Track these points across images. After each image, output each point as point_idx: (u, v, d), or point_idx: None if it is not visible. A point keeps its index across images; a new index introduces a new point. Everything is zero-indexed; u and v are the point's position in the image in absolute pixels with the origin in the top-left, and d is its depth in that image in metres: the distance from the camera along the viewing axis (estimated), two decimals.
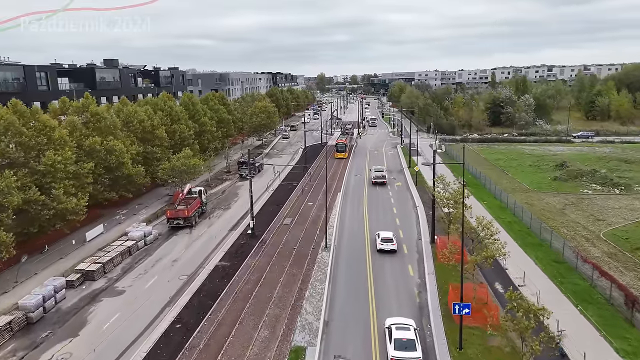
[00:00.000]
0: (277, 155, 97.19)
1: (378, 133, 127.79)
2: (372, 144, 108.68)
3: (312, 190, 65.73)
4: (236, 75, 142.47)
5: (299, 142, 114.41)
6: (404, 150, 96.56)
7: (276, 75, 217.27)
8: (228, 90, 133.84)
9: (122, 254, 41.14)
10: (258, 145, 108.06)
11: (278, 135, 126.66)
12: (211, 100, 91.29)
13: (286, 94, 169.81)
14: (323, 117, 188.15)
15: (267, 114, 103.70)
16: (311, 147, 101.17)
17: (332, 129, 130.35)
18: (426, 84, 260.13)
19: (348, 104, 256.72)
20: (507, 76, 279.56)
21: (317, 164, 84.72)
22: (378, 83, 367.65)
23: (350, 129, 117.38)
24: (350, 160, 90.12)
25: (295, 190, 64.94)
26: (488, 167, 76.92)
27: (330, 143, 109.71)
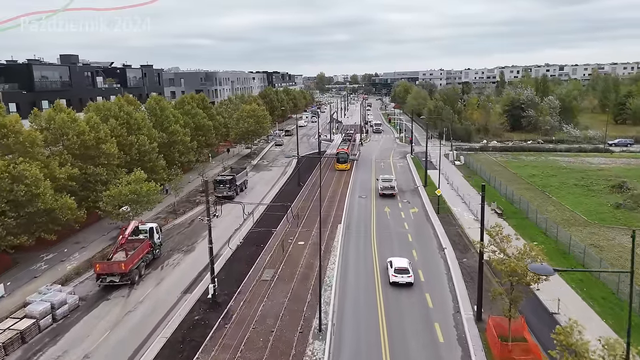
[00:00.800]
0: (267, 167, 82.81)
1: (383, 139, 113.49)
2: (378, 152, 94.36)
3: (306, 220, 51.45)
4: (225, 75, 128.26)
5: (295, 149, 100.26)
6: (415, 162, 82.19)
7: (272, 75, 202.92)
8: (215, 91, 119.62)
9: (6, 346, 26.76)
10: (246, 154, 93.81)
11: (271, 141, 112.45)
12: (188, 103, 76.96)
13: (282, 94, 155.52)
14: (322, 120, 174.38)
15: (256, 118, 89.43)
16: (307, 158, 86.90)
17: (331, 134, 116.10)
18: (431, 83, 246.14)
19: (349, 104, 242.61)
20: (515, 75, 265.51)
21: (313, 180, 70.40)
22: (379, 83, 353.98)
23: (352, 135, 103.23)
24: (353, 173, 76.04)
25: (282, 221, 50.67)
26: (523, 186, 62.60)
27: (329, 152, 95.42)
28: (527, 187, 61.98)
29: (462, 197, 57.77)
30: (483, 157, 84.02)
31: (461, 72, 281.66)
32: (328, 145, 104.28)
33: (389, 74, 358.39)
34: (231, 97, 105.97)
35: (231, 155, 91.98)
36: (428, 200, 57.23)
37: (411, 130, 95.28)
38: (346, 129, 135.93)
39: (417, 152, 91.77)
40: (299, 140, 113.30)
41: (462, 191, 60.14)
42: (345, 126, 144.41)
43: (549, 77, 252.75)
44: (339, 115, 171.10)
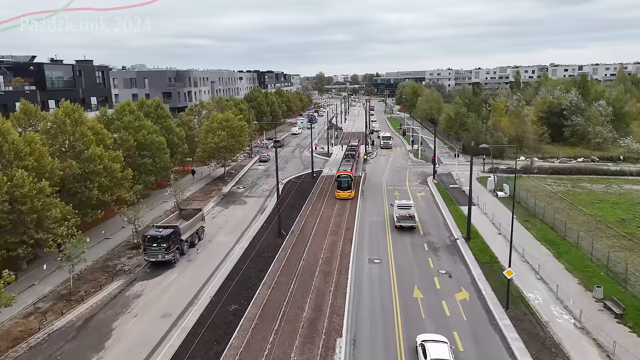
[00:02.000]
0: (241, 198, 61.42)
1: (394, 154, 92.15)
2: (389, 174, 73.07)
3: (287, 310, 30.35)
4: (202, 74, 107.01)
5: (283, 167, 78.98)
6: (441, 191, 61.08)
7: (264, 75, 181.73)
8: (188, 93, 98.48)
9: None
10: (219, 176, 72.59)
11: (255, 155, 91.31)
12: (129, 112, 55.76)
13: (272, 97, 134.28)
14: (319, 126, 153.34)
15: (231, 130, 68.22)
16: (297, 183, 65.89)
17: (329, 145, 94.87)
18: (438, 84, 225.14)
19: (349, 107, 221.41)
20: (531, 76, 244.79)
21: (301, 224, 49.10)
22: (382, 83, 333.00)
23: (355, 149, 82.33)
24: (359, 205, 55.08)
25: (247, 311, 29.64)
26: (622, 242, 41.27)
27: (326, 172, 74.27)
28: (629, 244, 40.69)
29: (534, 266, 36.58)
30: (532, 185, 62.84)
31: (471, 72, 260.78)
32: (325, 163, 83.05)
33: (391, 74, 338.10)
34: (204, 102, 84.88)
35: (197, 179, 70.75)
36: (480, 273, 36.00)
37: (434, 147, 73.48)
38: (347, 137, 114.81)
39: (440, 173, 70.62)
40: (290, 154, 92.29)
41: (529, 253, 38.96)
42: (345, 134, 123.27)
43: (567, 77, 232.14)
44: (339, 120, 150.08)
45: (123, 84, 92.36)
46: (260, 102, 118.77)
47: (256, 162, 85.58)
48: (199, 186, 66.24)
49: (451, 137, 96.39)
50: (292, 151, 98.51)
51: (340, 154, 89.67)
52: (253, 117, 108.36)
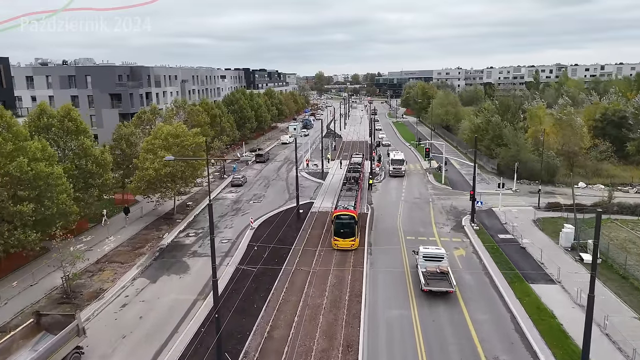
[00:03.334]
0: (181, 260, 40.13)
1: (406, 174, 71.29)
2: (406, 211, 52.10)
3: None
4: (166, 71, 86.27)
5: (261, 195, 58.46)
6: (489, 247, 40.14)
7: (253, 73, 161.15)
8: (147, 95, 77.92)
9: None
10: (166, 213, 51.88)
11: (229, 175, 70.81)
12: None
13: (259, 99, 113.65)
14: (315, 131, 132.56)
15: (182, 150, 47.60)
16: (274, 226, 45.22)
17: (323, 161, 74.30)
18: (447, 84, 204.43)
19: (350, 108, 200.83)
20: (548, 75, 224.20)
21: (264, 333, 28.23)
22: (384, 83, 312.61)
23: (359, 168, 62.22)
24: (365, 276, 34.53)
25: None
26: None
27: (318, 204, 53.87)
28: None
29: None
30: (623, 236, 42.07)
31: (482, 72, 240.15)
32: (317, 189, 62.42)
33: (394, 73, 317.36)
34: (155, 107, 63.90)
35: (134, 219, 50.05)
36: None
37: (473, 175, 51.72)
38: (347, 148, 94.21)
39: (480, 206, 49.88)
40: (274, 173, 71.90)
41: None
42: (345, 143, 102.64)
43: (589, 78, 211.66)
44: (338, 126, 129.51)
45: (59, 84, 71.78)
46: (242, 105, 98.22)
47: (227, 187, 64.92)
48: (131, 232, 45.48)
49: (480, 153, 75.65)
50: (278, 169, 77.88)
51: (338, 175, 69.15)
52: (231, 124, 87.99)
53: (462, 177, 67.94)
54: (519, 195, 57.21)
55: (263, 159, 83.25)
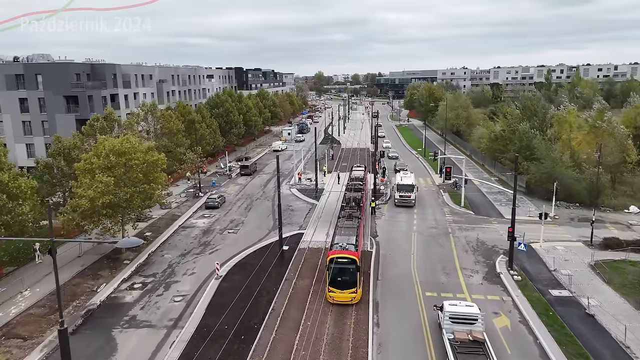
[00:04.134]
0: (109, 334, 29.32)
1: (418, 195, 59.94)
2: (420, 249, 40.60)
3: None
4: (137, 69, 74.76)
5: (239, 222, 47.01)
6: (544, 316, 28.61)
7: (246, 73, 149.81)
8: (112, 97, 66.64)
9: None
10: (113, 250, 40.51)
11: (205, 193, 59.55)
12: None
13: (249, 101, 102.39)
14: (310, 136, 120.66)
15: (128, 170, 36.30)
16: (248, 271, 33.82)
17: (317, 173, 63.11)
18: (452, 84, 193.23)
19: (350, 110, 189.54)
20: (558, 75, 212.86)
21: None
22: (385, 83, 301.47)
23: (361, 185, 50.85)
24: (371, 346, 23.13)
25: None
26: None
27: (307, 237, 42.49)
28: None
29: None
30: None
31: (489, 72, 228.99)
32: (309, 213, 51.07)
33: (396, 73, 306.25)
34: (111, 112, 52.44)
35: (69, 260, 38.71)
36: None
37: (513, 207, 39.53)
38: (346, 157, 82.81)
39: (524, 250, 38.31)
40: (259, 189, 60.76)
41: None
42: (344, 151, 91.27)
43: (602, 78, 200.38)
44: (337, 130, 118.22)
45: (5, 84, 60.50)
46: (228, 108, 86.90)
47: (200, 210, 53.58)
48: (52, 285, 34.16)
49: (505, 168, 64.04)
50: (265, 183, 66.59)
51: (335, 193, 57.88)
52: (214, 130, 76.76)
53: (484, 196, 56.54)
54: (560, 223, 45.87)
55: (249, 170, 71.94)
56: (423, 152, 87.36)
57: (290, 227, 46.11)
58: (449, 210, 51.29)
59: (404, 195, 52.22)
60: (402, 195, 52.34)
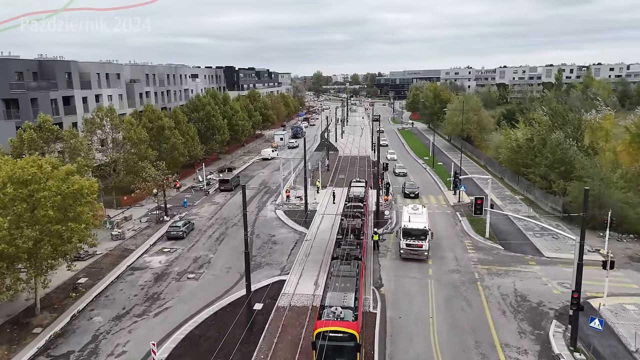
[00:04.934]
0: None
1: (427, 215, 49.41)
2: (440, 303, 30.46)
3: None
4: (98, 67, 63.94)
5: (204, 262, 35.92)
6: None
7: (237, 72, 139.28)
8: (65, 100, 56.18)
9: None
10: (29, 307, 30.05)
11: (173, 216, 49.20)
12: None
13: (235, 104, 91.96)
14: (309, 137, 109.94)
15: (36, 203, 25.90)
16: (200, 340, 22.97)
17: (313, 186, 52.89)
18: (456, 84, 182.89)
19: (349, 111, 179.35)
20: (568, 75, 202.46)
21: None
22: (386, 84, 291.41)
23: (361, 209, 40.79)
24: None
25: None
26: None
27: (290, 289, 31.55)
28: None
29: None
30: None
31: (494, 72, 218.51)
32: (297, 245, 40.40)
33: (396, 73, 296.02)
34: (47, 119, 41.91)
35: None
36: None
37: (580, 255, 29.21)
38: (343, 168, 72.16)
39: (599, 330, 27.80)
40: (238, 211, 50.51)
41: None
42: (342, 160, 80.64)
43: (614, 78, 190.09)
44: (334, 134, 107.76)
45: None
46: (210, 111, 76.46)
47: (160, 241, 43.11)
48: None
49: (531, 184, 53.40)
50: (248, 200, 55.91)
51: (329, 218, 47.51)
52: (191, 137, 66.46)
53: (511, 223, 46.03)
54: (618, 265, 35.38)
55: (229, 185, 61.40)
56: (431, 162, 76.89)
57: (269, 269, 35.69)
58: (471, 243, 40.79)
59: (413, 246, 36.39)
60: (410, 244, 36.47)
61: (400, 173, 69.51)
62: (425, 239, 36.34)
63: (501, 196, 55.59)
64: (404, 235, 36.88)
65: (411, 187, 57.51)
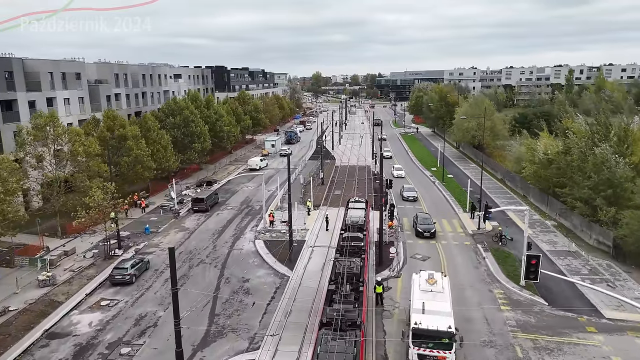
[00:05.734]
0: None
1: (440, 254, 39.83)
2: None
3: None
4: (51, 66, 54.25)
5: (160, 314, 26.14)
6: None
7: (228, 73, 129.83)
8: (6, 105, 46.71)
9: None
10: None
11: (123, 252, 39.68)
12: None
13: (220, 108, 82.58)
14: (300, 148, 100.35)
15: None
16: None
17: (304, 206, 43.73)
18: (460, 85, 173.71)
19: (348, 113, 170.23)
20: (578, 76, 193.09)
21: None
22: (386, 85, 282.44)
23: (360, 242, 31.97)
24: None
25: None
26: None
27: None
28: None
29: None
30: None
31: (500, 72, 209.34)
32: (275, 297, 30.20)
33: (397, 74, 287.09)
34: None
35: None
36: None
37: None
38: (340, 181, 62.48)
39: None
40: (210, 239, 41.64)
41: None
42: (339, 170, 70.99)
43: (626, 79, 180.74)
44: (332, 137, 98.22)
45: None
46: (189, 117, 67.00)
47: (101, 288, 33.57)
48: None
49: (566, 208, 43.85)
50: (222, 228, 46.50)
51: (320, 252, 38.12)
52: (164, 146, 57.18)
53: (552, 263, 36.44)
54: None
55: (204, 205, 51.86)
56: (440, 174, 67.39)
57: (233, 339, 26.22)
58: (503, 294, 31.27)
59: (431, 358, 22.27)
60: (425, 357, 22.31)
61: (410, 197, 54.40)
62: (452, 348, 22.15)
63: (529, 220, 46.07)
64: (414, 339, 22.41)
65: (425, 222, 42.64)
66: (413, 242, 41.08)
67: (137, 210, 51.66)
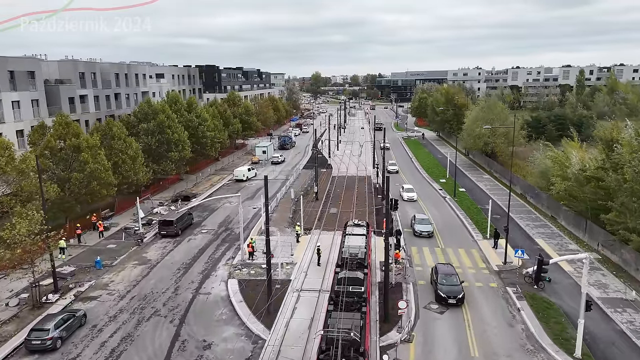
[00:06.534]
0: None
1: None
2: None
3: None
4: (5, 63, 46.11)
5: None
6: None
7: (218, 72, 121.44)
8: None
9: None
10: None
11: (58, 297, 31.22)
12: None
13: (203, 111, 74.26)
14: (294, 154, 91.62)
15: None
16: None
17: (292, 229, 35.16)
18: (465, 86, 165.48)
19: (348, 115, 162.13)
20: (587, 77, 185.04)
21: None
22: (387, 85, 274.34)
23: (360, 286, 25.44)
24: None
25: None
26: None
27: None
28: None
29: None
30: None
31: (506, 73, 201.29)
32: None
33: (398, 75, 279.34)
34: None
35: None
36: None
37: None
38: (337, 194, 53.76)
39: None
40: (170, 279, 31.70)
41: None
42: (337, 181, 62.50)
43: (638, 80, 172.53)
44: (329, 144, 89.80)
45: None
46: (165, 122, 58.62)
47: (14, 357, 25.21)
48: None
49: (622, 243, 35.39)
50: (191, 260, 38.10)
51: (308, 298, 29.75)
52: (132, 157, 48.91)
53: (609, 320, 28.03)
54: None
55: (174, 229, 43.52)
56: (451, 188, 58.92)
57: None
58: None
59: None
60: None
61: (424, 233, 42.13)
62: None
63: (563, 251, 37.80)
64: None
65: (448, 279, 30.55)
66: (425, 285, 32.68)
67: (94, 235, 43.39)
